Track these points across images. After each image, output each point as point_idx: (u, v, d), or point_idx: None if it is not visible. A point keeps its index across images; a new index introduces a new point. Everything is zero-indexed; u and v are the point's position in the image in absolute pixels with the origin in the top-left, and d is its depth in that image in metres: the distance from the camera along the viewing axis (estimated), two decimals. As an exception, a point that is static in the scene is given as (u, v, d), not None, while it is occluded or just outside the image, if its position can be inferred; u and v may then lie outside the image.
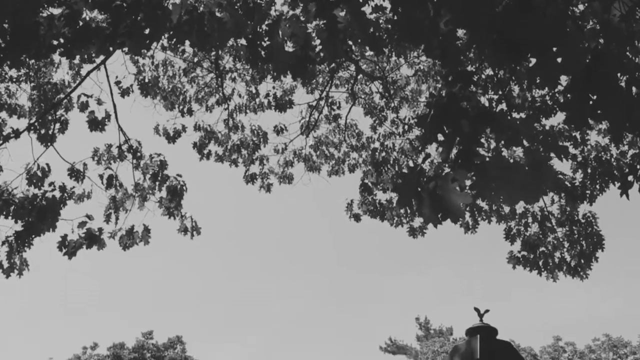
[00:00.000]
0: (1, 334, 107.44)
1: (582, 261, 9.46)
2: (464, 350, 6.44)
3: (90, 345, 42.63)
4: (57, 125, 10.28)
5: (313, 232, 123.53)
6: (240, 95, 13.65)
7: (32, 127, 9.91)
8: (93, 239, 9.00)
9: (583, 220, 9.68)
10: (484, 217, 9.75)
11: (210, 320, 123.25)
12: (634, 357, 62.12)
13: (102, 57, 9.64)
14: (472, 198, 5.30)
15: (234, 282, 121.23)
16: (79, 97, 10.91)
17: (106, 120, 10.73)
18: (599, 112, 4.11)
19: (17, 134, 9.33)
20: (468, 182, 5.07)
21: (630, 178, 4.92)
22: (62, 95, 11.16)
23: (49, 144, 9.86)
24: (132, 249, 9.84)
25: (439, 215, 4.90)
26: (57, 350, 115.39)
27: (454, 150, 5.11)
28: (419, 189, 4.76)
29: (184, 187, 10.00)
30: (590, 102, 4.08)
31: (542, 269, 9.62)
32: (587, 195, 9.73)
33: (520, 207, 9.80)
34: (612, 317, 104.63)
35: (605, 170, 10.02)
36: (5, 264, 9.40)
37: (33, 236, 8.70)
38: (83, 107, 10.84)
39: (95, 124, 10.56)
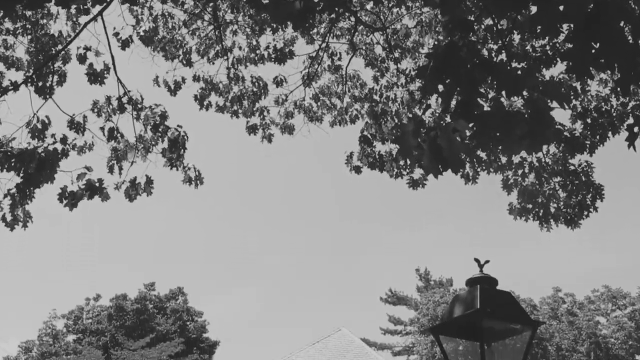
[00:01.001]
0: (5, 286, 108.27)
1: (577, 211, 9.48)
2: (465, 300, 6.48)
3: (93, 297, 43.05)
4: (55, 78, 10.23)
5: (314, 185, 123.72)
6: (240, 48, 13.59)
7: (30, 80, 9.86)
8: (93, 190, 8.99)
9: (579, 170, 9.68)
10: (484, 168, 9.74)
11: (212, 271, 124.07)
12: (633, 308, 62.63)
13: (98, 8, 9.57)
14: (473, 148, 5.30)
15: (235, 234, 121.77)
16: (77, 48, 10.84)
17: (105, 72, 10.67)
18: (601, 61, 4.09)
19: (15, 86, 9.29)
20: (468, 133, 5.06)
21: (635, 129, 4.89)
22: (59, 47, 11.08)
23: (47, 96, 9.81)
24: (135, 201, 9.87)
25: (439, 166, 4.90)
26: (61, 302, 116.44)
27: (454, 101, 5.10)
28: (419, 140, 4.76)
29: (186, 138, 9.99)
30: (593, 51, 4.05)
31: (542, 219, 9.65)
32: (587, 146, 9.72)
33: (517, 157, 9.79)
34: (612, 268, 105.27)
35: (606, 120, 9.99)
36: (9, 217, 9.43)
37: (33, 188, 8.71)
38: (81, 59, 10.77)
39: (94, 77, 10.50)
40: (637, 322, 60.91)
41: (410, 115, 9.42)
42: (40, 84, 9.85)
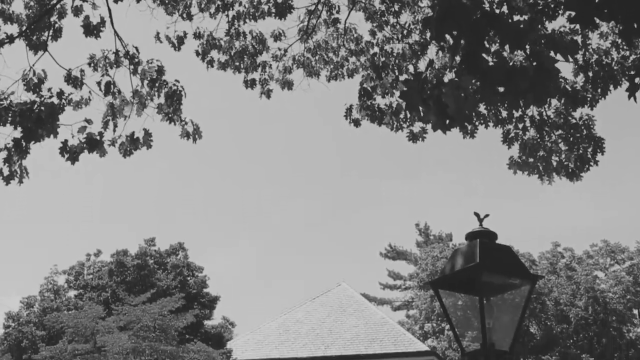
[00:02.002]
0: (7, 242, 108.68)
1: (579, 164, 9.45)
2: (464, 254, 6.48)
3: (94, 253, 43.19)
4: (51, 32, 10.11)
5: (313, 140, 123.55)
6: (240, 4, 13.44)
7: (25, 33, 9.75)
8: (94, 144, 8.95)
9: (580, 124, 9.64)
10: (482, 122, 9.68)
11: (212, 227, 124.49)
12: (631, 263, 62.97)
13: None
14: (477, 103, 5.25)
15: (235, 189, 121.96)
16: (72, 1, 10.70)
17: (101, 26, 10.55)
18: (605, 11, 4.02)
19: (10, 39, 9.19)
20: (472, 89, 5.01)
21: (637, 80, 4.83)
22: (55, 1, 10.94)
23: (43, 49, 9.70)
24: (133, 157, 9.82)
25: (447, 122, 4.86)
26: (61, 258, 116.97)
27: (457, 57, 5.04)
28: (424, 97, 4.71)
29: (183, 92, 9.90)
30: (597, 1, 3.98)
31: (543, 173, 9.62)
32: (588, 100, 9.66)
33: (517, 110, 9.72)
34: (612, 223, 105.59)
35: (607, 74, 9.91)
36: (6, 171, 9.39)
37: (33, 142, 8.66)
38: (77, 11, 10.64)
39: (90, 30, 10.38)
40: (635, 276, 61.29)
41: (411, 69, 9.33)
42: (35, 37, 9.75)
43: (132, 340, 29.03)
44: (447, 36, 4.76)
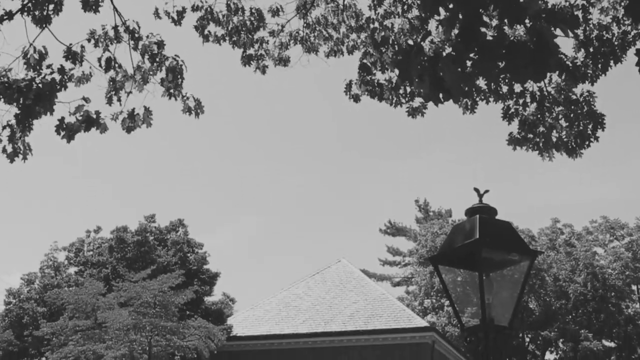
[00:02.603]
0: (7, 219, 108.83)
1: (579, 140, 9.43)
2: (464, 230, 6.48)
3: (94, 229, 43.23)
4: (51, 6, 10.05)
5: (313, 116, 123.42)
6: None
7: (25, 9, 9.70)
8: (91, 122, 8.93)
9: (581, 100, 9.61)
10: (482, 97, 9.64)
11: (212, 203, 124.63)
12: (631, 239, 63.11)
13: None
14: (474, 77, 5.23)
15: (235, 166, 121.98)
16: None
17: (100, 0, 10.47)
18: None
19: (10, 15, 9.14)
20: (469, 63, 4.99)
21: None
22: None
23: (44, 25, 9.65)
24: (133, 134, 9.79)
25: (440, 95, 4.85)
26: (61, 235, 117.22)
27: (455, 30, 5.01)
28: (419, 67, 4.69)
29: (184, 67, 9.86)
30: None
31: (543, 149, 9.61)
32: (589, 75, 9.63)
33: (517, 86, 9.69)
34: (611, 199, 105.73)
35: (608, 50, 9.89)
36: (9, 148, 9.38)
37: (30, 119, 8.65)
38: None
39: (89, 4, 10.31)
40: (634, 252, 61.46)
41: (411, 43, 9.29)
42: (36, 12, 9.68)
43: (132, 316, 29.16)
44: (442, 10, 4.74)
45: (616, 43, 9.99)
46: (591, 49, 9.73)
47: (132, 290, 30.32)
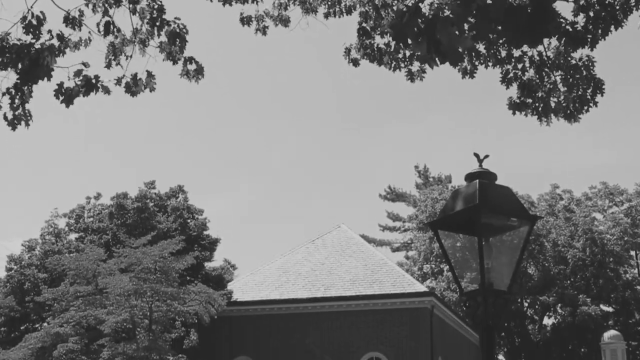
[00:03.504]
0: (7, 186, 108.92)
1: (578, 105, 9.40)
2: (464, 195, 6.48)
3: (94, 196, 43.27)
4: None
5: (313, 80, 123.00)
6: None
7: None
8: (90, 86, 8.89)
9: (580, 64, 9.56)
10: (481, 62, 9.58)
11: (211, 169, 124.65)
12: (630, 205, 63.21)
13: None
14: (472, 41, 5.20)
15: (234, 131, 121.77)
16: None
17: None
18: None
19: (7, -20, 9.07)
20: (467, 26, 4.96)
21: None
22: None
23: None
24: (132, 101, 9.74)
25: (437, 58, 4.82)
26: (62, 201, 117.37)
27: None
28: (416, 30, 4.66)
29: (185, 31, 9.77)
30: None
31: (542, 114, 9.59)
32: (589, 40, 9.57)
33: (517, 50, 9.62)
34: (611, 165, 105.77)
35: (609, 14, 9.82)
36: (10, 115, 9.34)
37: (30, 84, 8.61)
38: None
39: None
40: (633, 218, 61.59)
41: (410, 4, 9.21)
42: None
43: (133, 282, 29.31)
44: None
45: (617, 7, 9.92)
46: (591, 13, 9.66)
47: (133, 256, 30.43)
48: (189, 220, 40.95)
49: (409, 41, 4.51)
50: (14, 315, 38.49)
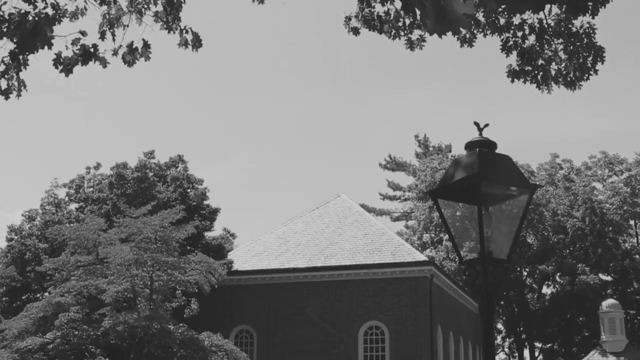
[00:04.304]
0: (7, 157, 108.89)
1: (578, 73, 9.34)
2: (464, 164, 6.46)
3: (94, 166, 43.27)
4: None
5: (312, 49, 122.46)
6: None
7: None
8: (88, 55, 8.82)
9: (581, 32, 9.48)
10: (481, 30, 9.50)
11: (211, 139, 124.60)
12: (629, 174, 63.18)
13: None
14: (475, 8, 5.17)
15: (233, 99, 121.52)
16: None
17: None
18: None
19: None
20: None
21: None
22: None
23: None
24: (131, 71, 9.66)
25: (443, 27, 4.77)
26: (61, 172, 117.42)
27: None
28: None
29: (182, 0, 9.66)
30: None
31: (541, 82, 9.53)
32: (589, 7, 9.49)
33: (517, 17, 9.53)
34: (611, 134, 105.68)
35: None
36: (3, 85, 9.27)
37: (27, 53, 8.54)
38: None
39: None
40: (632, 187, 61.60)
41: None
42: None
43: (133, 251, 29.36)
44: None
45: (619, -25, 9.83)
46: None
47: (133, 226, 30.46)
48: (188, 190, 40.98)
49: (417, 11, 4.47)
50: (15, 285, 38.64)
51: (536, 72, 9.66)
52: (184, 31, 9.91)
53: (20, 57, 8.89)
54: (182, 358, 30.39)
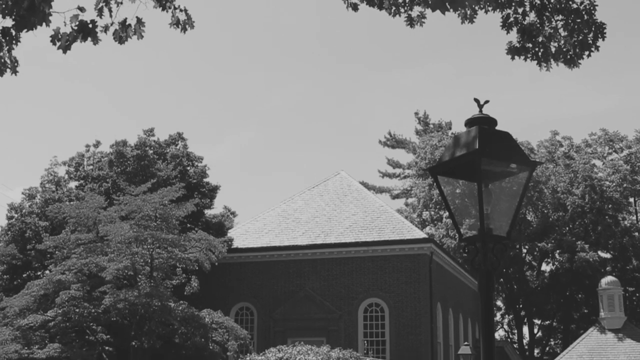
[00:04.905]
0: (7, 135, 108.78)
1: (578, 50, 9.30)
2: (463, 140, 6.45)
3: (93, 144, 43.22)
4: None
5: (311, 26, 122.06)
6: None
7: None
8: (86, 31, 8.76)
9: (581, 9, 9.44)
10: (482, 6, 9.43)
11: (210, 116, 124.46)
12: (629, 151, 63.12)
13: None
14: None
15: (233, 78, 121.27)
16: None
17: None
18: None
19: None
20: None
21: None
22: None
23: None
24: (128, 48, 9.65)
25: (447, 3, 4.78)
26: (61, 150, 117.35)
27: None
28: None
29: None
30: None
31: (541, 59, 9.49)
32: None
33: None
34: (610, 111, 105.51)
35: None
36: (-3, 62, 9.16)
37: (25, 30, 8.48)
38: None
39: None
40: (632, 165, 61.59)
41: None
42: None
43: (133, 229, 29.42)
44: None
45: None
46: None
47: (133, 203, 30.51)
48: (188, 168, 40.97)
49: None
50: (15, 263, 38.74)
51: (536, 49, 9.61)
52: (178, 10, 9.80)
53: (13, 32, 8.81)
54: (183, 335, 30.55)
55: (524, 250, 65.26)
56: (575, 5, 9.34)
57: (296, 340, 28.58)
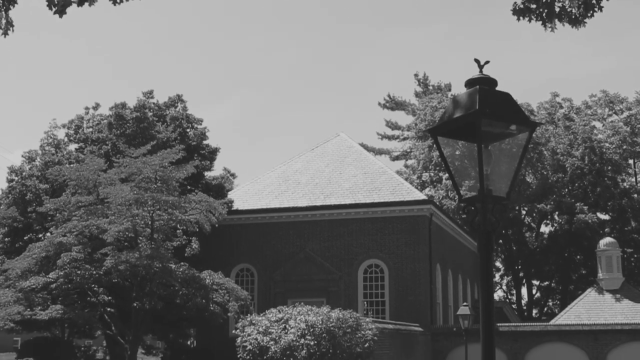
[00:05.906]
0: (6, 98, 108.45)
1: (583, 10, 9.25)
2: (463, 101, 6.43)
3: (92, 106, 43.10)
4: None
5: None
6: None
7: None
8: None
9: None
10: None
11: (210, 78, 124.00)
12: (629, 113, 63.02)
13: None
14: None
15: (233, 41, 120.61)
16: None
17: None
18: None
19: None
20: None
21: None
22: None
23: None
24: (129, 12, 9.59)
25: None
26: (60, 112, 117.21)
27: None
28: None
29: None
30: None
31: (546, 20, 9.45)
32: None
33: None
34: (610, 73, 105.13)
35: None
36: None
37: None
38: None
39: None
40: (632, 126, 61.55)
41: None
42: None
43: (134, 191, 29.47)
44: None
45: None
46: None
47: (133, 166, 30.52)
48: (188, 130, 40.92)
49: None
50: (17, 225, 38.87)
51: (541, 9, 9.55)
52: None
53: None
54: (184, 296, 30.76)
55: (523, 212, 65.44)
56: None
57: (296, 301, 28.78)
